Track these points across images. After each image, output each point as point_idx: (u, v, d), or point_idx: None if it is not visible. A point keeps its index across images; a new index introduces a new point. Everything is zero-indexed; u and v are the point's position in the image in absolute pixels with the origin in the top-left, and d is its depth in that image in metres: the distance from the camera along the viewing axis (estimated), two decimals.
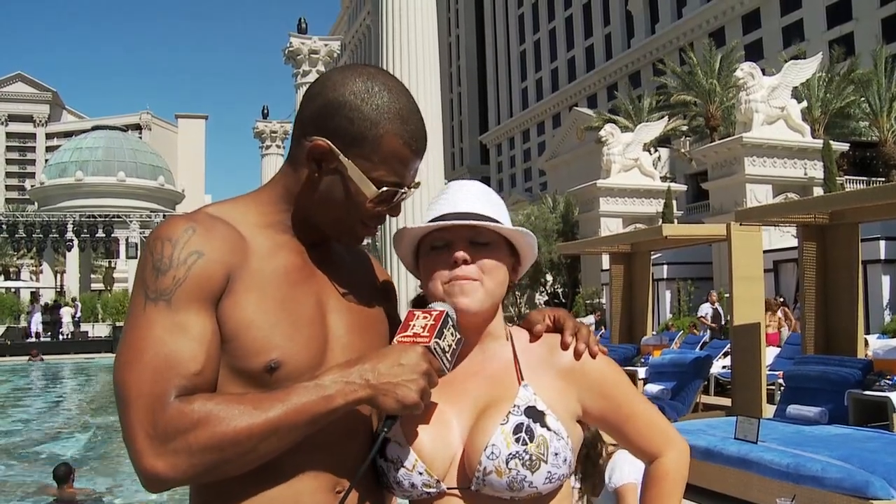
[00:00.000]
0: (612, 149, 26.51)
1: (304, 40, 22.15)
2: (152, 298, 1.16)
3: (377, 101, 1.25)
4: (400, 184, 1.29)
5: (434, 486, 1.28)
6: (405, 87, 1.33)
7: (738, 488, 5.86)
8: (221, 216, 1.26)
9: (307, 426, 1.14)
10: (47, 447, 9.89)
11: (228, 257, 1.20)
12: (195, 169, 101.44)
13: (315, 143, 1.25)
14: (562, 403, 1.32)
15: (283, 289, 1.24)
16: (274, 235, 1.29)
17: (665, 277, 22.02)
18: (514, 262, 1.39)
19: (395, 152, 1.26)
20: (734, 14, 48.05)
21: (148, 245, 1.21)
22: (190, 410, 1.09)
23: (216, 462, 1.10)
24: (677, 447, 1.40)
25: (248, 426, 1.10)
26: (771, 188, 20.75)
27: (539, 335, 1.40)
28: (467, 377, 1.36)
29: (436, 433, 1.30)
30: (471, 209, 1.33)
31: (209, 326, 1.17)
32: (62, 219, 32.01)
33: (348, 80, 1.27)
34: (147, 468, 1.09)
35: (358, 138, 1.24)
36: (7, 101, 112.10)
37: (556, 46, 67.35)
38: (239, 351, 1.18)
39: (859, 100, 29.47)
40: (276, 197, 1.32)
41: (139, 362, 1.12)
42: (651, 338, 12.67)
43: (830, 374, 7.30)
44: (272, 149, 30.97)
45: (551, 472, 1.25)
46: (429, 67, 10.66)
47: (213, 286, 1.18)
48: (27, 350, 24.81)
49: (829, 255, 8.43)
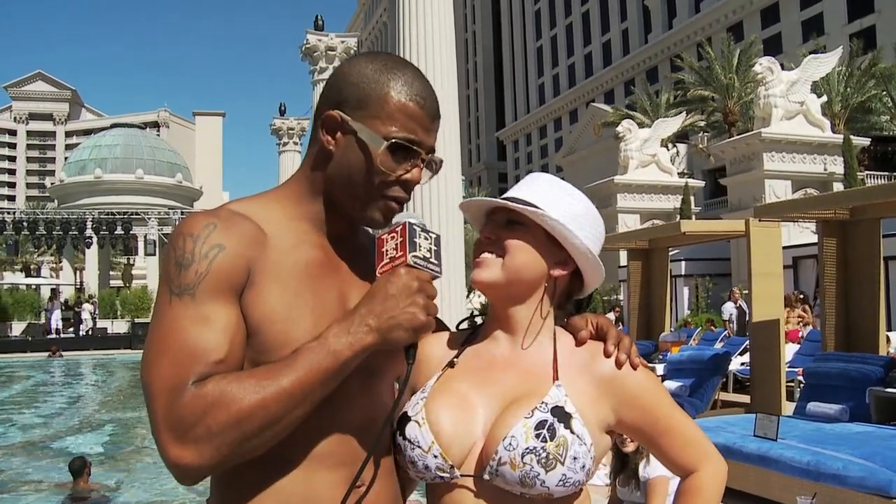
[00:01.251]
0: (629, 145, 26.41)
1: (320, 37, 22.14)
2: (177, 293, 1.16)
3: (380, 66, 1.29)
4: (413, 140, 1.27)
5: (447, 472, 1.27)
6: (413, 65, 1.35)
7: (757, 486, 5.80)
8: (243, 212, 1.27)
9: (322, 386, 1.14)
10: (66, 442, 9.96)
11: (249, 251, 1.21)
12: (213, 166, 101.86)
13: (326, 115, 1.28)
14: (593, 411, 1.31)
15: (305, 282, 1.25)
16: (296, 230, 1.30)
17: (683, 274, 21.90)
18: (561, 256, 1.37)
19: (401, 107, 1.26)
20: (753, 8, 47.68)
21: (170, 242, 1.23)
22: (204, 393, 1.10)
23: (238, 440, 1.10)
24: (714, 463, 1.38)
25: (262, 398, 1.10)
26: (790, 184, 20.59)
27: (584, 341, 1.39)
28: (503, 367, 1.36)
29: (458, 418, 1.30)
30: (522, 195, 1.37)
31: (234, 318, 1.18)
32: (81, 216, 32.25)
33: (354, 60, 1.32)
34: (174, 459, 1.09)
35: (364, 99, 1.27)
36: (27, 100, 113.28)
37: (573, 42, 67.14)
38: (262, 345, 1.19)
39: (881, 94, 29.21)
40: (297, 191, 1.34)
41: (164, 357, 1.13)
42: (669, 334, 12.59)
43: (851, 370, 7.21)
44: (289, 146, 30.96)
45: (566, 476, 1.23)
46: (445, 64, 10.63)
47: (235, 278, 1.19)
48: (47, 346, 25.04)
49: (849, 251, 8.34)
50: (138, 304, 31.26)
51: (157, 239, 32.80)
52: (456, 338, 1.45)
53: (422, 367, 1.39)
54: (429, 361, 1.39)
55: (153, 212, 34.59)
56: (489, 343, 1.40)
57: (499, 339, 1.39)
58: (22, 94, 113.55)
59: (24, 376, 19.49)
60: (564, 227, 1.33)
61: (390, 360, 1.29)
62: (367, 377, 1.28)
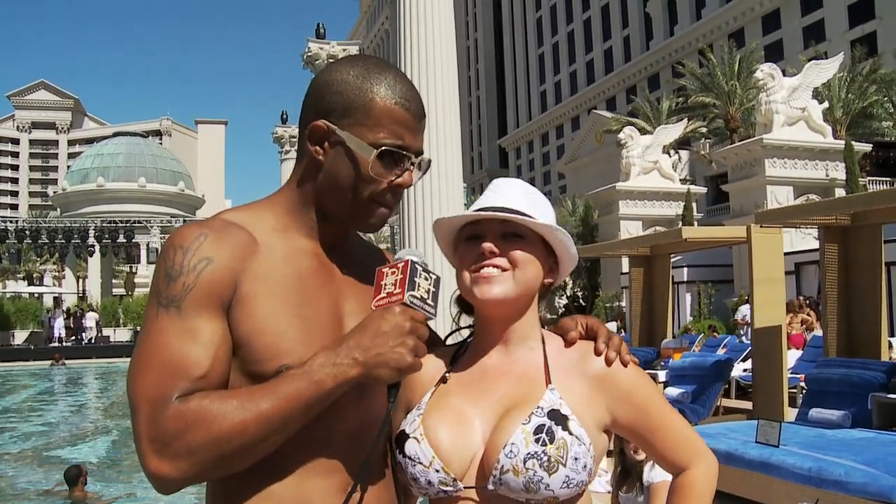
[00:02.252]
0: (631, 151, 26.36)
1: (322, 45, 22.19)
2: (164, 305, 1.17)
3: (362, 72, 1.28)
4: (401, 146, 1.27)
5: (451, 485, 1.27)
6: (394, 65, 1.35)
7: (759, 492, 5.79)
8: (237, 221, 1.26)
9: (302, 414, 1.14)
10: (65, 451, 9.93)
11: (239, 263, 1.21)
12: (215, 174, 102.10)
13: (313, 126, 1.27)
14: (589, 410, 1.31)
15: (297, 293, 1.24)
16: (289, 239, 1.30)
17: (685, 280, 21.84)
18: (551, 263, 1.39)
19: (387, 112, 1.26)
20: (754, 15, 47.73)
21: (162, 252, 1.23)
22: (187, 410, 1.10)
23: (217, 459, 1.10)
24: (706, 461, 1.38)
25: (242, 421, 1.10)
26: (792, 190, 20.54)
27: (573, 342, 1.39)
28: (495, 377, 1.36)
29: (456, 431, 1.30)
30: (507, 203, 1.34)
31: (219, 331, 1.18)
32: (84, 224, 32.29)
33: (334, 67, 1.31)
34: (153, 471, 1.10)
35: (349, 107, 1.26)
36: (30, 109, 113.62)
37: (575, 49, 67.22)
38: (251, 356, 1.19)
39: (882, 100, 29.20)
40: (290, 200, 1.33)
41: (148, 369, 1.14)
42: (671, 341, 12.59)
43: (853, 377, 7.20)
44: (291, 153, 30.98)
45: (569, 477, 1.23)
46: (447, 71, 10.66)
47: (222, 291, 1.19)
48: (50, 355, 25.06)
49: (851, 256, 8.33)
50: (140, 312, 31.28)
51: (159, 247, 32.61)
52: (446, 352, 1.45)
53: (415, 384, 1.38)
54: (421, 378, 1.38)
55: (155, 220, 34.62)
56: (480, 354, 1.40)
57: (489, 350, 1.39)
58: (25, 103, 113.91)
59: (27, 384, 19.49)
60: (567, 237, 1.35)
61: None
62: (360, 387, 1.27)
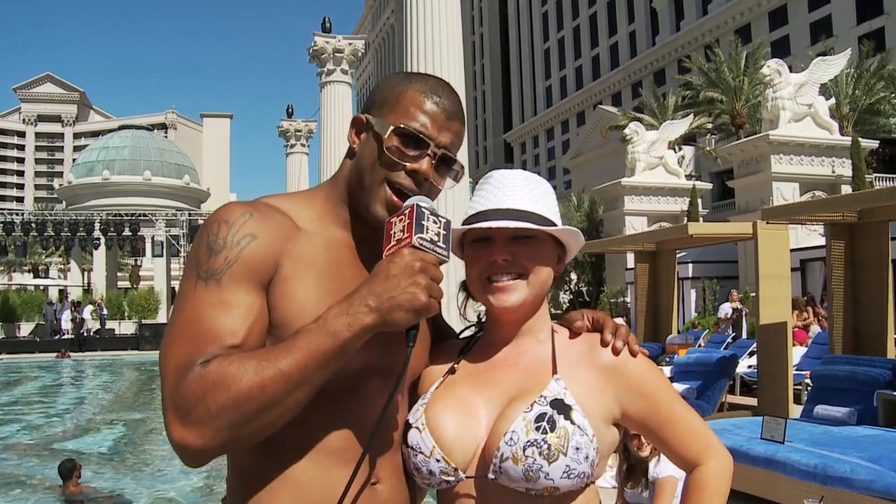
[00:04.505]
0: (636, 147, 26.33)
1: (328, 39, 22.15)
2: (203, 278, 1.18)
3: (408, 76, 1.38)
4: (420, 131, 1.30)
5: (452, 475, 1.27)
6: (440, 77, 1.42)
7: (764, 489, 5.79)
8: (279, 206, 1.29)
9: (321, 368, 1.13)
10: (66, 444, 9.88)
11: (281, 244, 1.23)
12: (220, 168, 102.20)
13: (354, 117, 1.35)
14: (598, 402, 1.30)
15: (335, 280, 1.26)
16: (327, 229, 1.33)
17: (690, 276, 21.84)
18: (559, 253, 1.40)
19: (415, 100, 1.31)
20: (761, 10, 47.56)
21: (205, 226, 1.24)
22: (206, 373, 1.09)
23: (238, 421, 1.09)
24: (719, 457, 1.36)
25: (261, 380, 1.09)
26: (798, 186, 20.50)
27: (580, 331, 1.39)
28: (503, 368, 1.36)
29: (460, 421, 1.30)
30: (513, 204, 1.33)
31: (256, 306, 1.19)
32: (89, 217, 32.31)
33: (390, 75, 1.41)
34: (177, 440, 1.10)
35: (384, 100, 1.34)
36: (36, 102, 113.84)
37: (581, 44, 67.07)
38: (287, 337, 1.18)
39: (889, 96, 29.11)
40: (331, 192, 1.38)
41: (180, 339, 1.14)
42: (676, 337, 12.57)
43: (859, 373, 7.18)
44: (297, 147, 30.99)
45: (570, 467, 1.22)
46: (453, 66, 10.66)
47: (263, 269, 1.20)
48: (56, 347, 25.14)
49: (857, 253, 8.30)
50: (145, 305, 31.38)
51: (164, 240, 32.86)
52: (457, 345, 1.46)
53: (424, 376, 1.40)
54: (430, 370, 1.39)
55: (160, 213, 34.64)
56: (489, 346, 1.40)
57: (499, 342, 1.39)
58: (30, 95, 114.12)
59: (32, 377, 19.55)
60: (567, 230, 1.35)
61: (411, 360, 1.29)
62: (387, 377, 1.28)
